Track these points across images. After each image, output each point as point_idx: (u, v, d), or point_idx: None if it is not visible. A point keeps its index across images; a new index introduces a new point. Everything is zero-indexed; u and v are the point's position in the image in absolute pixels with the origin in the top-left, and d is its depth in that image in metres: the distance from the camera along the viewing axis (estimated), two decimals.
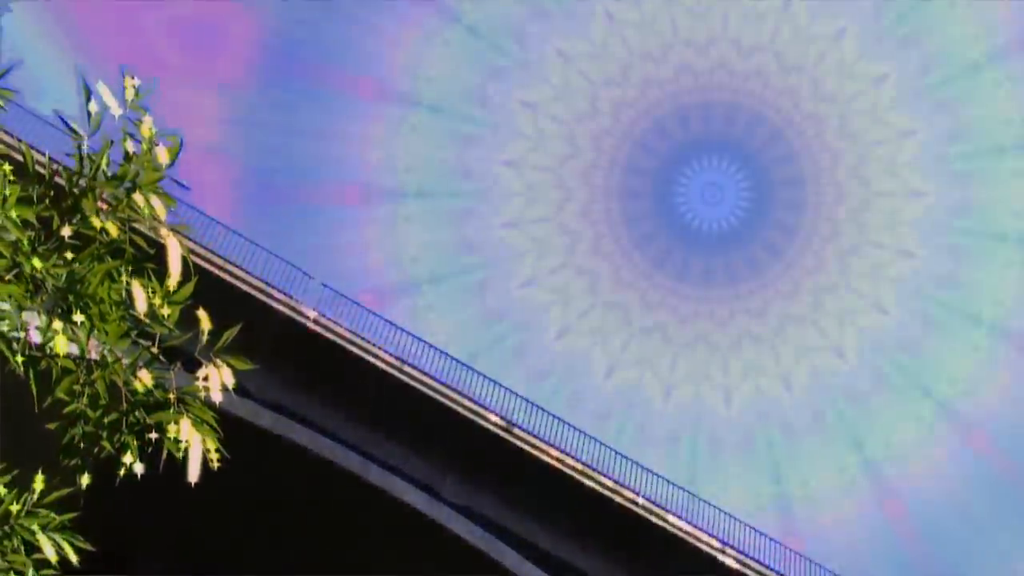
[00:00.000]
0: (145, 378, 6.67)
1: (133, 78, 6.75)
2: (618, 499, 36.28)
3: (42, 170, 6.78)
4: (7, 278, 6.30)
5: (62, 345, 6.48)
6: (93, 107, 6.58)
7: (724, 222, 73.97)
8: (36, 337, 6.51)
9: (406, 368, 34.37)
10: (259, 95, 70.22)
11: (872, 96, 73.59)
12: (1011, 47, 69.86)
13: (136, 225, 6.80)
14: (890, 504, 73.50)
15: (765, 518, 73.21)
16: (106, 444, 6.62)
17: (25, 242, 6.30)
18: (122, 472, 6.66)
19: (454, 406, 34.73)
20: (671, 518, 36.87)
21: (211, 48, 68.76)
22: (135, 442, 6.68)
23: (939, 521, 72.89)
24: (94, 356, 6.60)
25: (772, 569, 38.28)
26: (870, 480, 73.94)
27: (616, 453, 37.92)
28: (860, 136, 74.32)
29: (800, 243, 75.64)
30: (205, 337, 6.76)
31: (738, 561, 37.49)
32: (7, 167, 6.36)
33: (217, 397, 6.71)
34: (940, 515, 72.75)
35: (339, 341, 33.67)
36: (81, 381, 6.64)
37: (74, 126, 6.54)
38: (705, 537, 37.44)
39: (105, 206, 6.65)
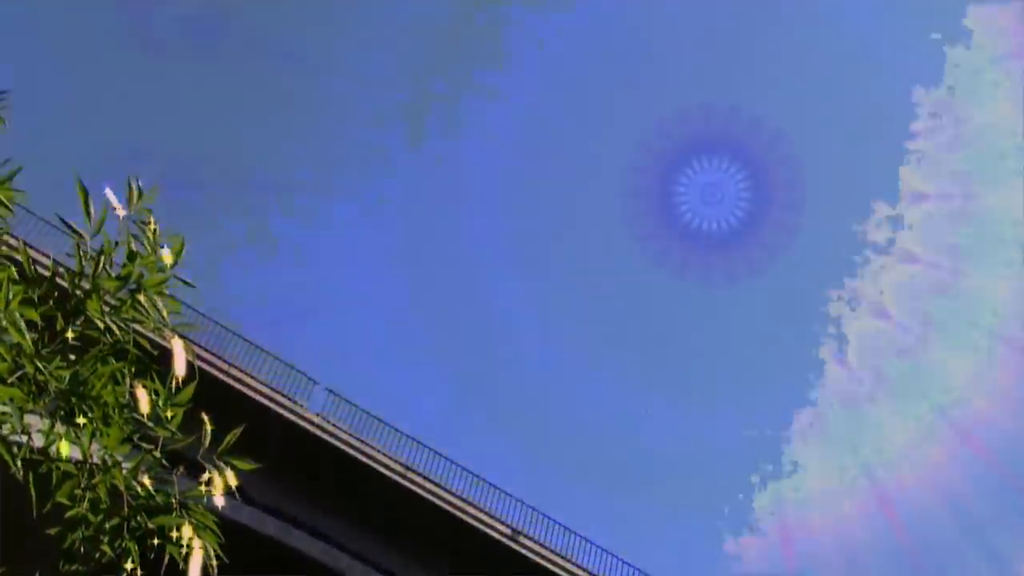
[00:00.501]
0: (147, 482, 6.60)
1: (138, 180, 6.77)
2: None
3: (45, 271, 6.77)
4: (10, 380, 6.25)
5: (65, 449, 6.42)
6: (92, 208, 6.58)
7: (724, 222, 73.39)
8: (38, 440, 6.44)
9: (410, 475, 34.11)
10: None
11: (874, 97, 74.10)
12: (1014, 52, 70.36)
13: (140, 327, 6.77)
14: (887, 506, 73.33)
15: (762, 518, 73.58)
16: (106, 549, 6.53)
17: (28, 344, 6.26)
18: None
19: (459, 514, 34.39)
20: None
21: None
22: (136, 547, 6.58)
23: (936, 522, 72.64)
24: (95, 460, 6.54)
25: None
26: (868, 482, 73.76)
27: (622, 562, 37.57)
28: (862, 137, 74.76)
29: (800, 244, 75.65)
30: (207, 441, 6.70)
31: None
32: (13, 270, 6.35)
33: (220, 502, 6.63)
34: (937, 516, 72.49)
35: (342, 447, 33.44)
36: (82, 485, 6.56)
37: (75, 227, 6.54)
38: None
39: (108, 307, 6.63)
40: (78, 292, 6.56)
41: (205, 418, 6.71)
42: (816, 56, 76.27)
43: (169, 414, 6.58)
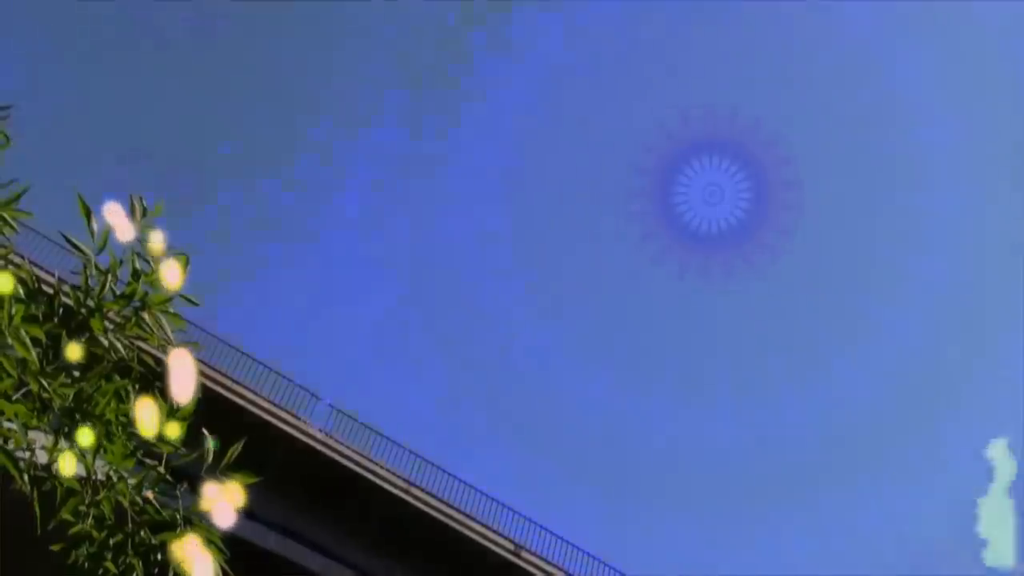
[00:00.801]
0: (151, 497, 6.62)
1: (141, 199, 6.79)
2: None
3: (49, 289, 6.79)
4: (15, 397, 6.27)
5: (69, 465, 6.44)
6: (95, 226, 6.59)
7: (723, 222, 73.32)
8: (42, 457, 6.46)
9: (413, 490, 34.08)
10: None
11: (876, 98, 74.09)
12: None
13: (145, 344, 6.79)
14: None
15: None
16: (110, 565, 6.55)
17: (33, 361, 6.28)
18: None
19: (462, 529, 34.35)
20: None
21: None
22: (140, 563, 6.60)
23: None
24: (100, 476, 6.56)
25: None
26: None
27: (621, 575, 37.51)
28: (862, 138, 74.82)
29: (800, 244, 75.75)
30: (210, 456, 6.71)
31: None
32: (18, 288, 6.37)
33: (228, 521, 6.64)
34: None
35: (345, 462, 33.42)
36: (86, 502, 6.58)
37: (80, 245, 6.56)
38: None
39: (112, 324, 6.65)
40: (83, 310, 6.59)
41: (206, 433, 6.72)
42: (815, 56, 76.41)
43: (172, 431, 6.59)
